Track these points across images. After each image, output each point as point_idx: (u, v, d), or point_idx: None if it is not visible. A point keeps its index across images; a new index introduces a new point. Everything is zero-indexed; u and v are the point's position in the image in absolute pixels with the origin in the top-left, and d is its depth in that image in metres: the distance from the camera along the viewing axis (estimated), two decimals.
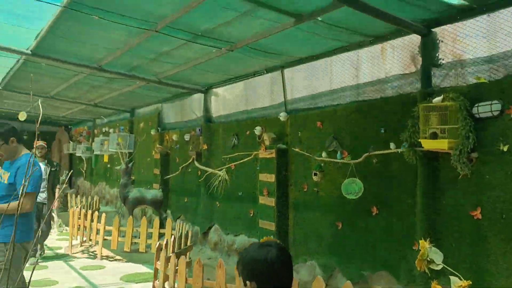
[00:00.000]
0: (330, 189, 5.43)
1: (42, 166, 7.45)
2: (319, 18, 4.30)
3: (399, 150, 4.43)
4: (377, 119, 4.83)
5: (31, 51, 6.23)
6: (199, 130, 8.39)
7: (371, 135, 4.89)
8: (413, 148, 4.25)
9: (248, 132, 7.02)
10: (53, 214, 9.75)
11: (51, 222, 8.61)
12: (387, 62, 4.81)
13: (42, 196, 7.25)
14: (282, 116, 6.18)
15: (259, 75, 6.83)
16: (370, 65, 5.01)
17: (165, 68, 6.91)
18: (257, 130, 6.64)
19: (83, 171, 15.86)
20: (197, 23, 4.74)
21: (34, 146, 8.18)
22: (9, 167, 3.66)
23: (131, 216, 7.86)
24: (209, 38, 5.17)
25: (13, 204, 3.32)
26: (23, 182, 3.47)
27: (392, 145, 4.54)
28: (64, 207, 12.69)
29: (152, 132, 10.28)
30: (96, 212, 8.07)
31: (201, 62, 6.20)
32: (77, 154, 14.95)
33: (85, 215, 8.19)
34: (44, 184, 7.30)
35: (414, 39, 4.49)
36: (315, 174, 5.44)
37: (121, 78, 7.73)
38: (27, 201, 3.49)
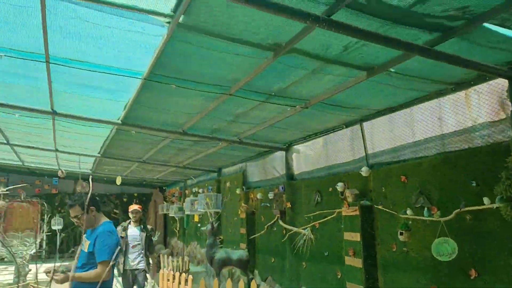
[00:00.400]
0: (420, 249, 4.98)
1: (137, 231, 7.67)
2: (392, 70, 4.13)
3: (495, 206, 3.97)
4: (466, 170, 4.41)
5: (121, 121, 6.69)
6: (282, 188, 8.31)
7: (461, 189, 4.45)
8: (510, 202, 3.79)
9: (330, 189, 6.78)
10: (147, 275, 10.02)
11: (145, 283, 8.82)
12: (473, 110, 4.44)
13: (135, 262, 7.39)
14: (364, 171, 5.91)
15: (338, 130, 6.67)
16: (454, 113, 4.65)
17: (244, 129, 7.02)
18: (339, 186, 6.40)
19: (176, 231, 16.33)
20: (268, 84, 4.78)
21: (129, 211, 8.30)
22: (89, 236, 3.80)
23: (216, 279, 7.80)
24: (282, 97, 5.19)
25: (88, 273, 3.41)
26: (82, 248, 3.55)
27: (486, 200, 4.09)
28: (157, 267, 13.03)
29: (238, 191, 10.38)
30: (184, 274, 8.13)
31: (278, 120, 6.21)
32: (170, 215, 15.50)
33: (173, 277, 8.29)
34: (140, 248, 7.47)
35: (501, 83, 4.12)
36: (401, 234, 5.04)
37: (205, 141, 7.99)
38: (102, 269, 3.56)
